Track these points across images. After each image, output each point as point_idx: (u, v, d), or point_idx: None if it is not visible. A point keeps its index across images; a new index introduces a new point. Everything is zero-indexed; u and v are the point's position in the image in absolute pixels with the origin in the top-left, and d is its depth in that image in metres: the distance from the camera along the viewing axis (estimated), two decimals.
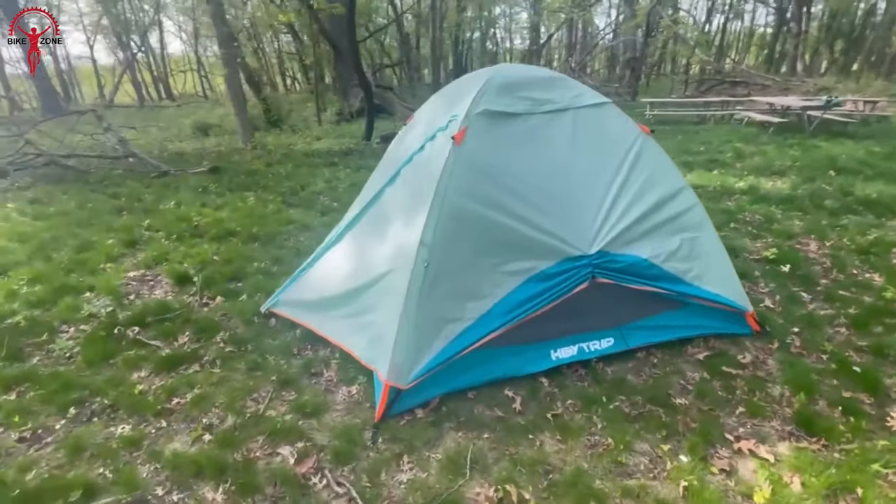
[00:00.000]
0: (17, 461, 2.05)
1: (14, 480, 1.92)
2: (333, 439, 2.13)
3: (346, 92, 14.23)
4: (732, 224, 4.68)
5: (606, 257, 2.57)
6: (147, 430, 2.24)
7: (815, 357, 2.68)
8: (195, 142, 10.61)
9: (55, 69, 25.08)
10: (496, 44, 32.23)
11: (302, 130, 11.41)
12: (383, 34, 25.48)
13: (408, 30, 24.97)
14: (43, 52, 23.33)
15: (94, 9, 24.85)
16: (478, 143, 2.57)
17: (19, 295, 3.46)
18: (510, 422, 2.23)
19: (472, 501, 1.84)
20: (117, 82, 23.41)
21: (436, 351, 2.31)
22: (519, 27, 34.29)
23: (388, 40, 27.19)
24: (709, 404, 2.33)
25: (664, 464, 1.99)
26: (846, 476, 1.88)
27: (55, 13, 23.96)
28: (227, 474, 1.96)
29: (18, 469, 1.99)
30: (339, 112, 13.73)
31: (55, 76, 25.21)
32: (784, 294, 3.34)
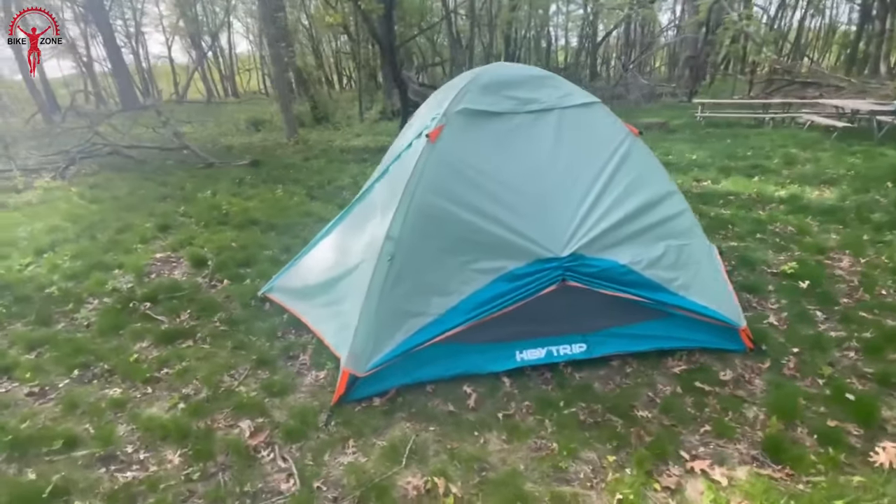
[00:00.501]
0: (21, 412, 2.34)
1: (13, 428, 2.20)
2: (290, 418, 2.25)
3: (390, 91, 14.57)
4: (759, 234, 4.37)
5: (579, 261, 2.51)
6: (133, 394, 2.48)
7: (810, 381, 2.47)
8: (246, 136, 11.30)
9: (136, 67, 27.59)
10: (550, 42, 31.58)
11: (345, 127, 11.83)
12: (435, 33, 25.77)
13: (459, 28, 25.03)
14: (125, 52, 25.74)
15: (172, 11, 27.05)
16: (454, 142, 2.60)
17: (60, 268, 3.90)
18: (460, 417, 2.25)
19: (401, 489, 1.89)
20: (188, 80, 25.30)
21: (396, 342, 2.38)
22: (575, 24, 33.44)
23: (441, 38, 27.44)
24: (673, 419, 2.23)
25: (606, 475, 1.94)
26: None
27: (138, 16, 26.34)
28: (188, 440, 2.13)
29: (20, 419, 2.28)
30: (381, 110, 14.10)
31: (136, 73, 27.76)
32: (794, 311, 3.09)
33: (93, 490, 1.90)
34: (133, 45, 27.38)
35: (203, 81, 27.02)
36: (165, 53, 29.02)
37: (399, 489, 1.89)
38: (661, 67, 36.94)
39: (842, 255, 3.93)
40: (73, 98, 12.64)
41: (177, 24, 27.91)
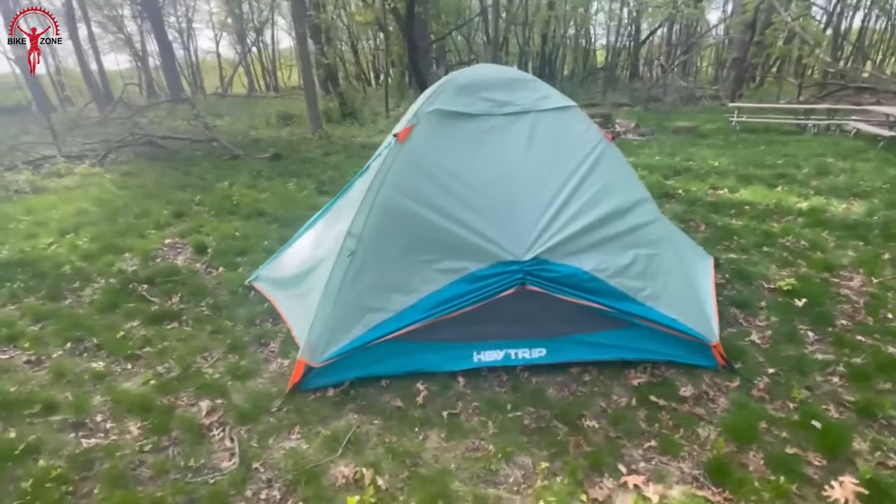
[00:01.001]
0: (16, 377, 2.57)
1: (4, 391, 2.42)
2: (246, 402, 2.36)
3: (418, 88, 14.70)
4: (766, 247, 4.15)
5: (541, 265, 2.49)
6: (114, 368, 2.67)
7: (780, 404, 2.36)
8: (275, 130, 11.71)
9: (186, 62, 29.05)
10: (589, 41, 30.86)
11: (370, 124, 12.04)
12: (472, 31, 25.73)
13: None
14: (177, 47, 27.17)
15: (221, 8, 28.27)
16: (423, 142, 2.63)
17: (78, 249, 4.22)
18: (406, 413, 2.29)
19: (331, 476, 1.95)
20: (232, 74, 26.39)
21: (353, 336, 2.44)
22: (616, 24, 32.52)
23: (479, 37, 27.33)
24: (620, 432, 2.18)
25: (535, 481, 1.93)
26: None
27: (190, 13, 27.71)
28: (150, 414, 2.28)
29: (13, 383, 2.51)
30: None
31: (187, 68, 29.23)
32: (783, 331, 2.94)
33: (58, 452, 2.08)
34: (184, 40, 28.87)
35: (246, 76, 28.12)
36: (213, 49, 30.41)
37: (329, 477, 1.95)
38: (707, 69, 35.40)
39: (854, 274, 3.68)
40: (123, 90, 13.47)
41: (225, 20, 29.18)
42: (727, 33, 21.46)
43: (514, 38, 26.14)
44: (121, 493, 1.86)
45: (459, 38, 27.24)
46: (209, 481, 1.94)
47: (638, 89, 18.59)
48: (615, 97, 19.10)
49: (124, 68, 29.13)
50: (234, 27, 27.19)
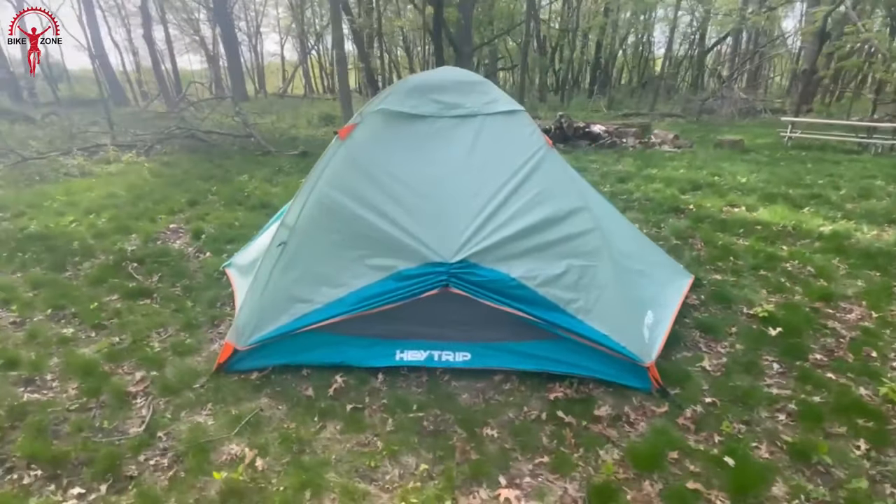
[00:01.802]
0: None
1: None
2: (175, 376, 2.52)
3: None
4: (763, 271, 3.84)
5: (467, 269, 2.46)
6: (80, 335, 2.93)
7: (704, 436, 2.18)
8: (314, 129, 12.25)
9: (254, 63, 31.02)
10: (649, 49, 29.66)
11: None
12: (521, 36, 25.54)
13: (546, 33, 24.57)
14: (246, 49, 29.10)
15: (287, 14, 29.97)
16: (364, 141, 2.70)
17: (94, 227, 4.66)
18: (314, 403, 2.35)
19: (220, 452, 2.05)
20: (291, 76, 27.85)
21: (279, 324, 2.53)
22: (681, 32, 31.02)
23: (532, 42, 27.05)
24: (517, 444, 2.12)
25: (409, 481, 1.92)
26: None
27: (259, 18, 29.55)
28: (89, 377, 2.50)
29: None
30: None
31: (254, 69, 31.20)
32: (743, 359, 2.72)
33: (2, 402, 2.32)
34: (252, 43, 30.88)
35: (305, 78, 29.56)
36: (278, 52, 32.28)
37: (218, 452, 2.05)
38: (780, 80, 32.96)
39: (854, 306, 3.33)
40: (187, 88, 14.64)
41: (290, 25, 30.89)
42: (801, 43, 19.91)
43: (568, 44, 25.68)
44: (37, 443, 2.05)
45: (511, 44, 27.19)
46: (114, 443, 2.09)
47: (692, 100, 17.64)
48: (668, 107, 18.26)
49: (196, 68, 31.53)
50: (297, 31, 28.71)
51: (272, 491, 1.87)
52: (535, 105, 18.19)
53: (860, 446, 2.12)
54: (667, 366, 2.64)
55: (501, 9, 22.05)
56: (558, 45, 24.92)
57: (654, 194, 5.95)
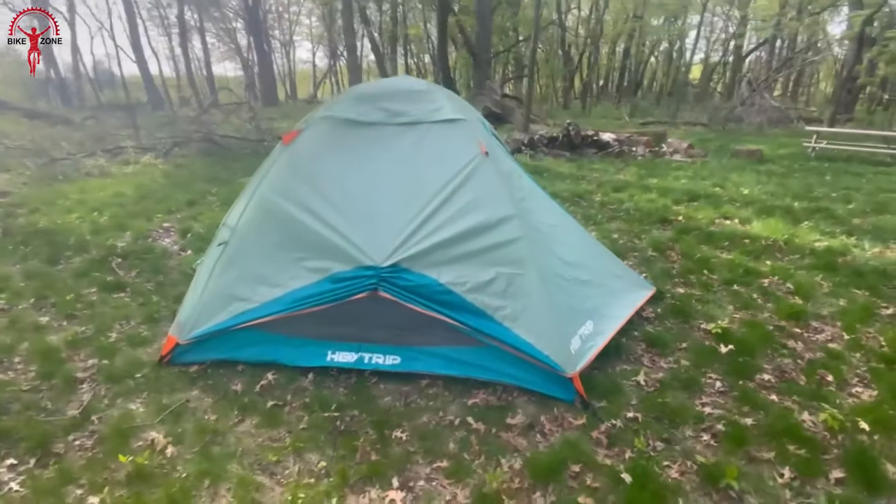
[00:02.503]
0: None
1: None
2: (122, 365, 2.68)
3: (473, 100, 14.89)
4: (736, 286, 3.70)
5: (397, 273, 2.52)
6: (53, 323, 3.15)
7: (615, 452, 2.14)
8: None
9: (287, 70, 32.14)
10: (681, 55, 28.85)
11: None
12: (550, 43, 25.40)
13: (571, 40, 24.35)
14: (279, 57, 30.19)
15: (320, 23, 30.95)
16: (307, 146, 2.80)
17: (95, 224, 4.97)
18: (239, 397, 2.45)
19: (139, 438, 2.17)
20: (319, 82, 28.67)
21: (217, 321, 2.65)
22: (718, 38, 30.04)
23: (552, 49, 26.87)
24: (421, 448, 2.14)
25: (304, 476, 1.98)
26: None
27: (293, 28, 30.63)
28: (47, 362, 2.69)
29: None
30: None
31: (287, 76, 32.34)
32: (683, 376, 2.64)
33: None
34: (286, 50, 32.03)
35: (335, 84, 30.37)
36: (310, 59, 33.33)
37: (137, 438, 2.17)
38: (825, 87, 31.40)
39: (826, 326, 3.17)
40: (216, 94, 15.36)
41: (322, 34, 31.88)
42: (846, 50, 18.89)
43: (594, 51, 25.36)
44: (6, 422, 2.23)
45: (539, 52, 27.04)
46: (51, 422, 2.25)
47: (720, 108, 17.04)
48: (695, 115, 17.71)
49: (232, 75, 32.93)
50: (328, 39, 29.61)
51: (174, 477, 1.97)
52: (552, 113, 18.03)
53: (784, 474, 2.03)
54: (600, 378, 2.60)
55: (527, 15, 22.02)
56: (583, 52, 24.61)
57: (646, 204, 5.81)
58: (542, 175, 7.71)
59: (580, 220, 5.28)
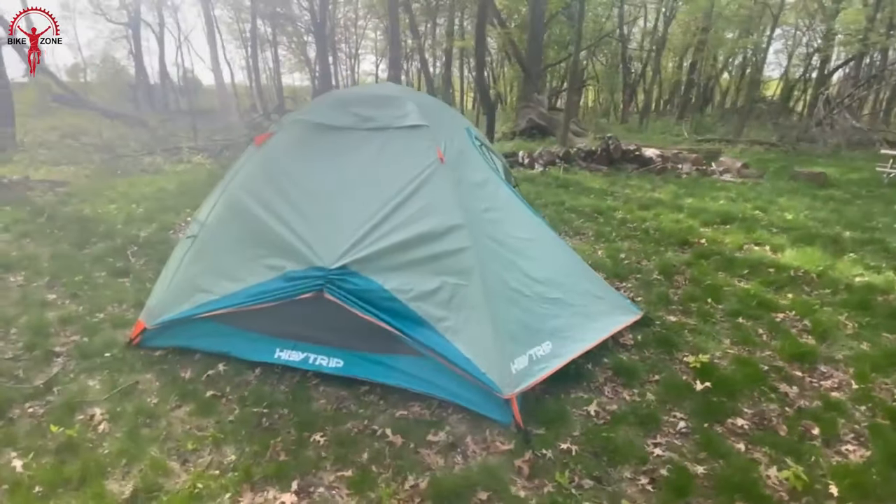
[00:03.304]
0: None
1: None
2: (97, 344, 2.87)
3: (518, 112, 14.76)
4: (742, 318, 3.33)
5: (343, 276, 2.52)
6: (57, 301, 3.46)
7: (535, 483, 1.98)
8: None
9: (352, 82, 33.63)
10: (758, 70, 26.86)
11: None
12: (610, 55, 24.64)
13: (633, 54, 23.47)
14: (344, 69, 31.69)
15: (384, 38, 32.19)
16: (276, 148, 2.89)
17: (129, 215, 5.43)
18: (185, 385, 2.53)
19: (84, 412, 2.31)
20: None
21: (181, 309, 2.77)
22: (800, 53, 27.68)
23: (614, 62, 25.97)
24: (333, 454, 2.09)
25: (214, 468, 2.01)
26: None
27: (359, 41, 32.06)
28: (36, 335, 2.94)
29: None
30: (509, 130, 14.39)
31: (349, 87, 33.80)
32: (645, 411, 2.40)
33: None
34: (351, 63, 33.59)
35: None
36: (373, 71, 34.71)
37: (83, 412, 2.31)
38: None
39: (835, 372, 2.77)
40: (282, 102, 16.39)
41: (386, 48, 33.10)
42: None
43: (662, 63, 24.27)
44: None
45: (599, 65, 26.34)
46: (17, 389, 2.45)
47: (792, 127, 15.63)
48: (765, 133, 16.39)
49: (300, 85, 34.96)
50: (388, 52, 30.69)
51: (97, 453, 2.07)
52: (607, 127, 17.43)
53: None
54: (550, 403, 2.43)
55: (587, 27, 21.55)
56: (646, 65, 23.64)
57: (670, 225, 5.41)
58: (569, 188, 7.44)
59: (591, 238, 5.06)
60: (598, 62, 26.21)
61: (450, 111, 3.55)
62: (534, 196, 6.77)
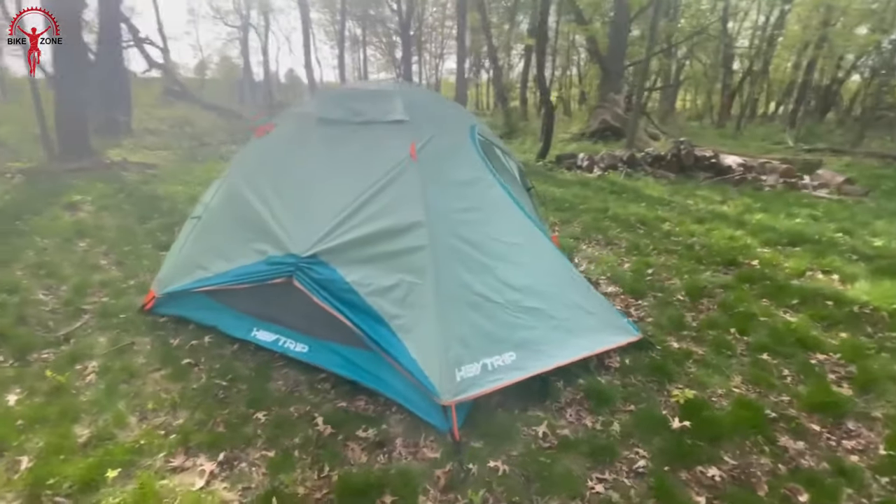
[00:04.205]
0: (59, 254, 4.12)
1: (36, 252, 3.95)
2: (119, 306, 3.24)
3: (592, 113, 14.02)
4: (767, 355, 2.88)
5: (311, 265, 2.59)
6: (106, 267, 3.96)
7: (447, 498, 1.88)
8: None
9: (435, 80, 34.32)
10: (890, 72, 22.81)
11: (519, 143, 12.26)
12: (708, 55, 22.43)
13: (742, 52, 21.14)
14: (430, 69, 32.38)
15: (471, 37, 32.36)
16: (273, 139, 3.06)
17: (193, 196, 6.05)
18: (170, 350, 2.77)
19: (82, 364, 2.63)
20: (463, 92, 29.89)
21: (183, 283, 3.04)
22: None
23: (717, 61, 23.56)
24: (267, 435, 2.16)
25: (161, 429, 2.17)
26: None
27: (443, 40, 32.56)
28: (76, 294, 3.40)
29: (50, 255, 4.03)
30: (580, 131, 13.76)
31: (433, 86, 34.50)
32: (599, 442, 2.18)
33: (22, 295, 3.35)
34: (436, 62, 34.27)
35: (476, 96, 31.11)
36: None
37: (81, 363, 2.63)
38: None
39: (864, 431, 2.31)
40: None
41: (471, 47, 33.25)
42: None
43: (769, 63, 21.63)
44: (7, 322, 2.95)
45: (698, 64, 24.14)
46: (42, 337, 2.86)
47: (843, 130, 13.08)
48: (892, 146, 13.93)
49: None
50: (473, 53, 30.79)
51: (77, 399, 2.34)
52: (690, 130, 15.93)
53: None
54: (500, 416, 2.32)
55: (684, 23, 19.83)
56: (751, 66, 21.17)
57: (721, 242, 4.81)
58: (622, 195, 6.94)
59: (622, 249, 4.68)
60: (697, 61, 24.02)
61: (452, 108, 3.48)
62: (578, 201, 6.42)
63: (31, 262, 3.90)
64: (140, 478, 1.90)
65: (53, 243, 4.32)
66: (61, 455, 1.99)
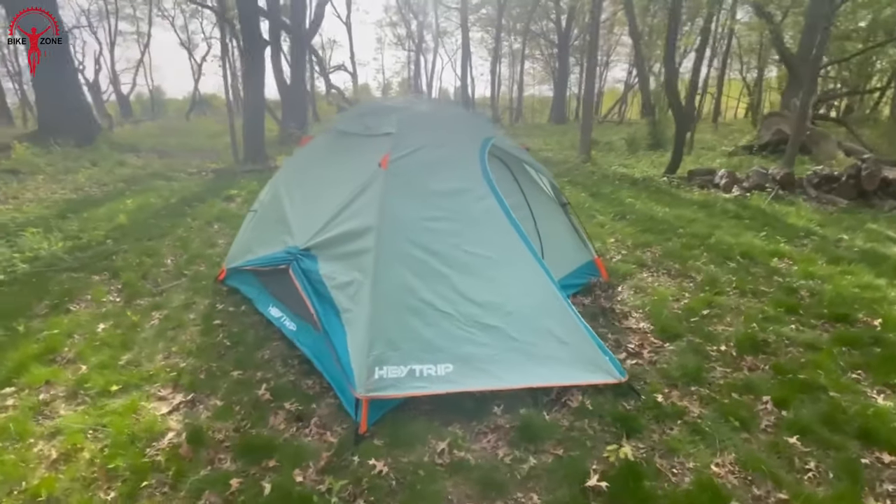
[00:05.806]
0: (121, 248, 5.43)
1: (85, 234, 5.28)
2: (207, 275, 4.19)
3: (763, 122, 11.63)
4: (795, 437, 2.20)
5: (304, 256, 3.01)
6: (219, 241, 5.10)
7: (318, 477, 2.03)
8: (555, 153, 12.54)
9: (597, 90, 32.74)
10: None
11: (655, 156, 11.01)
12: None
13: None
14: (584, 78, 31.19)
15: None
16: (309, 149, 3.61)
17: None
18: (211, 311, 3.49)
19: (154, 312, 3.51)
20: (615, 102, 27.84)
21: (240, 261, 3.79)
22: None
23: None
24: (225, 390, 2.60)
25: (150, 370, 2.79)
26: None
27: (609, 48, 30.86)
28: (188, 262, 4.49)
29: None
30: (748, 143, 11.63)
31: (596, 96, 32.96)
32: (492, 476, 2.03)
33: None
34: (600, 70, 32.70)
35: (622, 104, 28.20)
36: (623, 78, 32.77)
37: (158, 311, 3.52)
38: None
39: None
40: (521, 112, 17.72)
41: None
42: None
43: None
44: (138, 282, 4.10)
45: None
46: (148, 289, 3.91)
47: None
48: None
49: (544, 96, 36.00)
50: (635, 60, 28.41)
51: (139, 334, 3.18)
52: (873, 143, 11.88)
53: None
54: (416, 424, 2.35)
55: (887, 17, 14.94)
56: None
57: (845, 290, 3.65)
58: (745, 221, 5.74)
59: (690, 282, 3.98)
60: None
61: (469, 123, 3.50)
62: (679, 223, 5.57)
63: (177, 236, 5.26)
64: (132, 396, 2.53)
65: (197, 224, 5.73)
66: (105, 370, 2.77)
